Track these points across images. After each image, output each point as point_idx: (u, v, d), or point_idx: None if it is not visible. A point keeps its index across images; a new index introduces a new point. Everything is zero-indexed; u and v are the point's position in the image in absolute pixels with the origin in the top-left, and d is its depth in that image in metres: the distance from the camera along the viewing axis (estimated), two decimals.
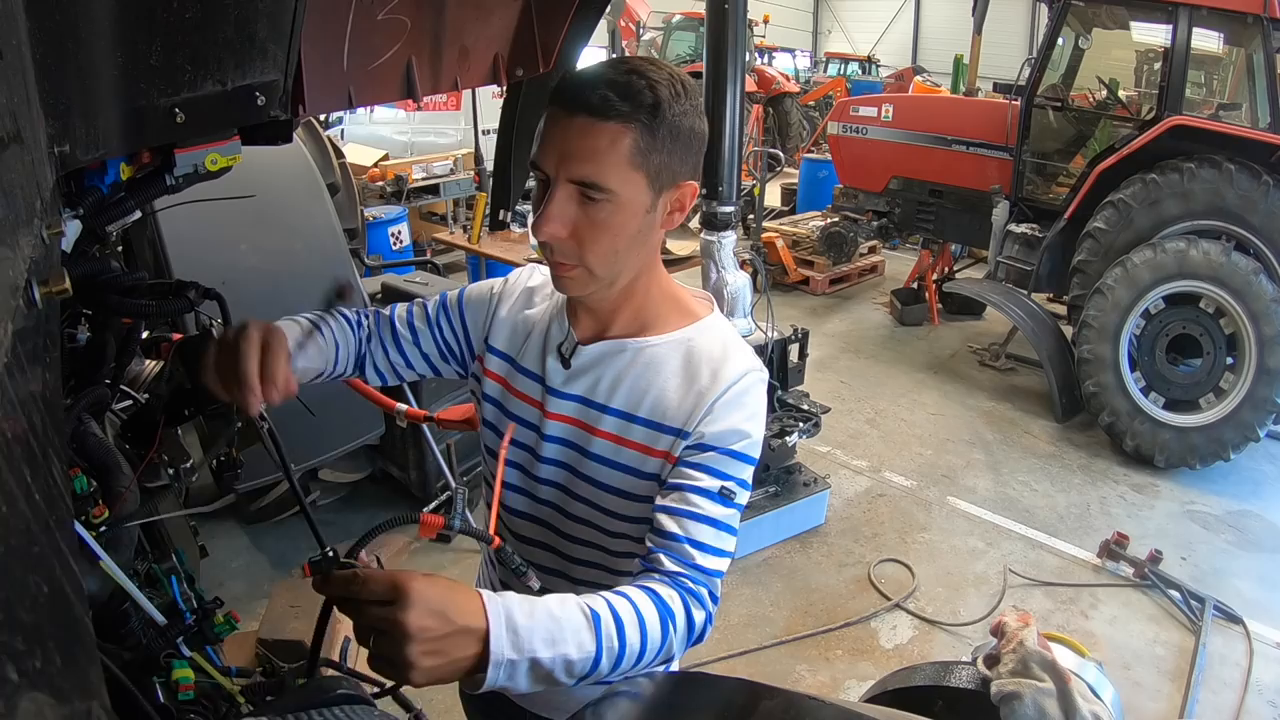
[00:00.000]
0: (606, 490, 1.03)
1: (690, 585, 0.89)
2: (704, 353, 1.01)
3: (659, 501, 0.95)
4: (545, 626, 0.77)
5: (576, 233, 0.92)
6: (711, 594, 0.91)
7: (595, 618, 0.80)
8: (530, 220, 4.86)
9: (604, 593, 0.85)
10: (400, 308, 1.18)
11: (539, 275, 1.15)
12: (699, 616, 0.89)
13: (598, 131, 0.88)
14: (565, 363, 1.05)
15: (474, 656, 0.74)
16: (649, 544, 0.94)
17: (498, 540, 0.92)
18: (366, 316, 1.17)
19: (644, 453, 1.00)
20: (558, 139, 0.90)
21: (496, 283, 1.17)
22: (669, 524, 0.92)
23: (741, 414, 0.97)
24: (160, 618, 0.97)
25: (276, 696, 0.97)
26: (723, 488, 0.94)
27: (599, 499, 1.04)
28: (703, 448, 0.96)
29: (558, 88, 0.93)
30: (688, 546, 0.91)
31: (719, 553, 0.93)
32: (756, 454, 0.99)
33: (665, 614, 0.85)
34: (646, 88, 0.88)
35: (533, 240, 4.75)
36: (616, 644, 0.81)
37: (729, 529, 0.95)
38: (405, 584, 0.72)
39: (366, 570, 0.74)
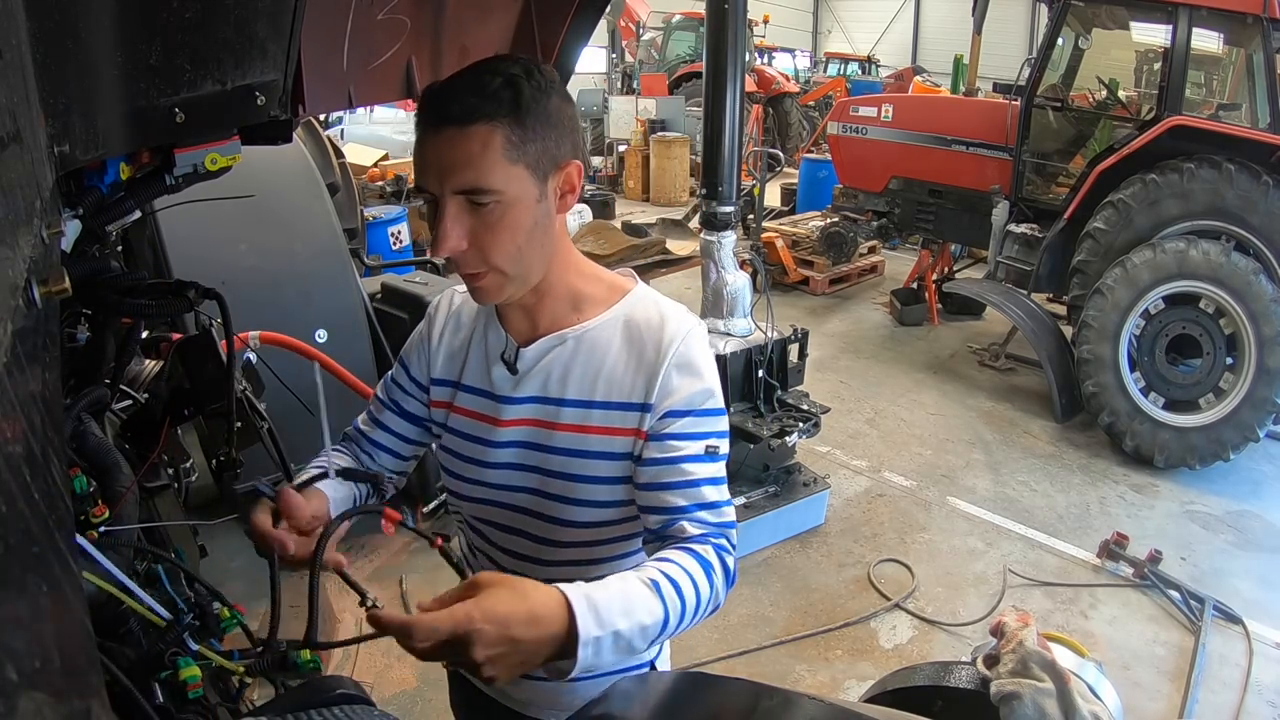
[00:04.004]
0: (580, 480, 1.04)
1: (715, 541, 0.97)
2: (642, 322, 1.03)
3: (660, 480, 0.99)
4: (619, 600, 0.83)
5: (476, 241, 0.93)
6: (730, 541, 1.00)
7: (655, 585, 0.87)
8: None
9: (648, 562, 0.93)
10: (359, 418, 1.23)
11: (459, 296, 1.16)
12: (730, 561, 0.98)
13: (466, 138, 0.88)
14: (511, 369, 1.06)
15: (554, 650, 0.79)
16: (661, 521, 0.99)
17: (439, 540, 1.01)
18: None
19: (609, 434, 1.02)
20: (432, 155, 0.91)
21: (421, 325, 1.18)
22: (677, 500, 0.98)
23: (695, 374, 1.01)
24: (165, 614, 0.97)
25: (279, 669, 0.99)
26: (707, 446, 1.01)
27: (574, 491, 1.05)
28: (675, 415, 1.00)
29: (419, 106, 0.93)
30: (701, 512, 0.98)
31: (726, 504, 1.01)
32: (722, 402, 1.05)
33: (707, 567, 0.94)
34: (503, 83, 0.89)
35: None
36: (678, 603, 0.88)
37: (722, 480, 1.02)
38: (467, 626, 0.74)
39: (422, 618, 0.75)
